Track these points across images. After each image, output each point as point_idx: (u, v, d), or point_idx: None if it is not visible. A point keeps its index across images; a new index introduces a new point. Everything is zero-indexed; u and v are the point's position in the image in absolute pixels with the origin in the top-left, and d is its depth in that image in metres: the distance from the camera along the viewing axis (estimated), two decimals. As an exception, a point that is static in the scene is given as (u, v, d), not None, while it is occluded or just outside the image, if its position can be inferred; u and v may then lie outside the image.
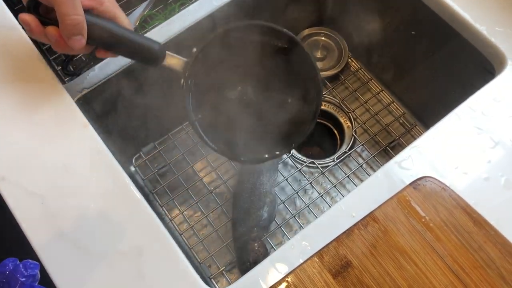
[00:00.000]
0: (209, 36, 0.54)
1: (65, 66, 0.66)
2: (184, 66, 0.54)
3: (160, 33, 0.65)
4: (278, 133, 0.57)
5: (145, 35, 0.66)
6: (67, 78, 0.64)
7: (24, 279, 0.38)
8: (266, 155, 0.57)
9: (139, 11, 0.77)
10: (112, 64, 0.63)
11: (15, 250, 0.42)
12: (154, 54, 0.53)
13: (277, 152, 0.57)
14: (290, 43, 0.55)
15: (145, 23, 0.76)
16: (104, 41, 0.51)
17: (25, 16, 0.49)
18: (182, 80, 0.54)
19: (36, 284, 0.39)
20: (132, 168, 0.79)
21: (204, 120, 0.56)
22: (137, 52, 0.52)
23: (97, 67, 0.63)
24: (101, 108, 0.64)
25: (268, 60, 0.56)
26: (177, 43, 0.66)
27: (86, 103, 0.61)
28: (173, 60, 0.54)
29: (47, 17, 0.49)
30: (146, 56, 0.53)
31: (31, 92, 0.58)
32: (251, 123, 0.57)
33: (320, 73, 0.55)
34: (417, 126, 0.81)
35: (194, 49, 0.54)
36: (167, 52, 0.54)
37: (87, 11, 0.50)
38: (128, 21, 0.53)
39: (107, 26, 0.51)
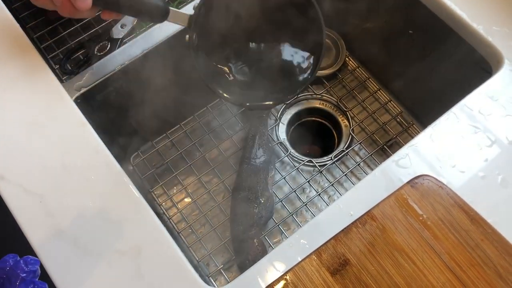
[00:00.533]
0: None
1: (63, 65, 0.65)
2: (189, 20, 0.55)
3: (158, 32, 0.65)
4: (283, 81, 0.59)
5: (143, 34, 0.66)
6: (65, 77, 0.64)
7: (24, 274, 0.38)
8: (271, 102, 0.59)
9: (136, 9, 0.77)
10: (110, 63, 0.63)
11: (15, 249, 0.42)
12: (158, 10, 0.54)
13: (284, 97, 0.60)
14: None
15: (143, 21, 0.76)
16: (109, 0, 0.52)
17: None
18: (187, 36, 0.55)
19: (37, 279, 0.39)
20: (130, 167, 0.78)
21: (211, 70, 0.57)
22: (142, 10, 0.53)
23: (95, 65, 0.63)
24: (99, 107, 0.64)
25: (273, 10, 0.56)
26: (175, 43, 0.66)
27: (84, 102, 0.61)
28: (178, 15, 0.55)
29: None
30: (150, 13, 0.54)
31: (29, 90, 0.58)
32: (257, 72, 0.59)
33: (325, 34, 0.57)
34: (414, 125, 0.81)
35: (195, 4, 0.55)
36: (170, 8, 0.55)
37: None
38: None
39: None
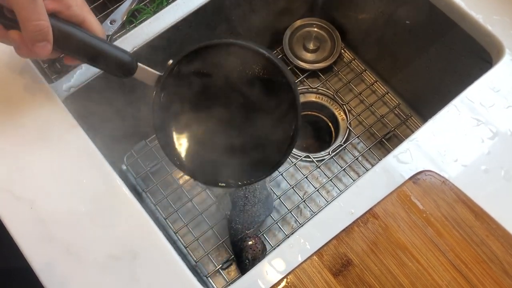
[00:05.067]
0: (185, 50, 0.50)
1: (51, 64, 0.63)
2: (157, 80, 0.51)
3: (149, 28, 0.63)
4: (256, 155, 0.53)
5: (134, 30, 0.64)
6: (54, 76, 0.62)
7: None
8: (245, 180, 0.53)
9: (126, 4, 0.75)
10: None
11: (7, 256, 0.40)
12: (124, 65, 0.49)
13: (259, 176, 0.53)
14: (272, 67, 0.50)
15: (133, 17, 0.74)
16: (70, 48, 0.48)
17: None
18: (154, 93, 0.51)
19: None
20: (124, 167, 0.77)
21: (175, 141, 0.53)
22: (106, 62, 0.49)
23: (84, 64, 0.61)
24: (90, 107, 0.62)
25: (248, 80, 0.52)
26: (165, 40, 0.64)
27: (74, 102, 0.59)
28: (145, 73, 0.51)
29: (14, 19, 0.44)
30: (115, 67, 0.49)
31: (16, 92, 0.56)
32: (225, 145, 0.54)
33: (299, 98, 0.51)
34: (412, 117, 0.80)
35: (170, 61, 0.51)
36: (139, 64, 0.50)
37: (52, 14, 0.46)
38: (99, 27, 0.50)
39: (74, 32, 0.47)
